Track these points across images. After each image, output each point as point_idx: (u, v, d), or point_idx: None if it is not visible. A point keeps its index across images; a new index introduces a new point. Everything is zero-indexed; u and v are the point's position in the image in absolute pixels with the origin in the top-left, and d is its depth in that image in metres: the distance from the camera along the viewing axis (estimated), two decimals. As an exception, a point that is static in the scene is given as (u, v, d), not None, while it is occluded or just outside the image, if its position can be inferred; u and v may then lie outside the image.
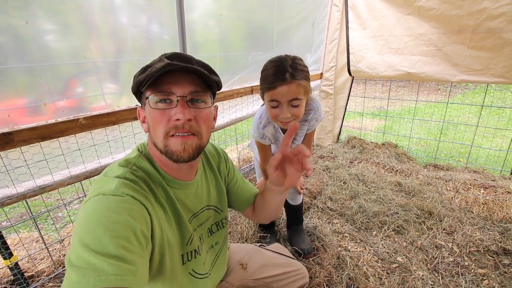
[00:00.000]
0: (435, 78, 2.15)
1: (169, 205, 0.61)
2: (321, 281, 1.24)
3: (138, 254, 0.46)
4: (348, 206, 1.84)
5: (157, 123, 0.55)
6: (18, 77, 0.95)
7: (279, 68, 0.90)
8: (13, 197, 0.95)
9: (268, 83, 0.92)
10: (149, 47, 1.32)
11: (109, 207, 0.47)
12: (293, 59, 0.93)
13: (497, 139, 3.16)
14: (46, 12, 0.98)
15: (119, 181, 0.52)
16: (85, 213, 0.47)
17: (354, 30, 2.43)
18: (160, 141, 0.55)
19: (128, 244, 0.45)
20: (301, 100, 0.93)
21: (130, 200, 0.50)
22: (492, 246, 1.44)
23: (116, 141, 1.23)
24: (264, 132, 1.10)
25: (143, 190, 0.54)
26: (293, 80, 0.89)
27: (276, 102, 0.93)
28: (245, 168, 2.43)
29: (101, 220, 0.45)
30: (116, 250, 0.43)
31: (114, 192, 0.49)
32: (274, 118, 0.98)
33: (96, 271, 0.41)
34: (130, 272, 0.43)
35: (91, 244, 0.43)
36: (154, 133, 0.56)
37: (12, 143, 0.92)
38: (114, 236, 0.44)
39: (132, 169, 0.56)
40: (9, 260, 1.08)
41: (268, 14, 1.99)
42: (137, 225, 0.48)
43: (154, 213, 0.55)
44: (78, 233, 0.45)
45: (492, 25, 1.82)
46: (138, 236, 0.48)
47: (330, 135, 2.95)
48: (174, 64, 0.53)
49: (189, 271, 0.67)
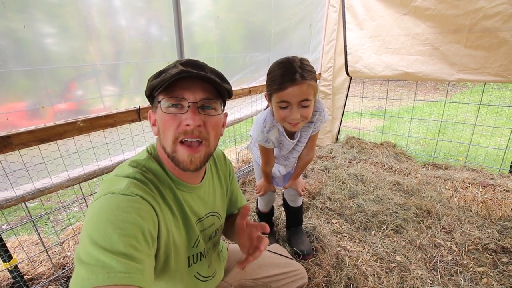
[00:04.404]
0: (432, 77, 2.16)
1: (177, 207, 0.61)
2: (320, 281, 1.24)
3: (145, 253, 0.47)
4: (347, 206, 1.84)
5: (167, 127, 0.56)
6: (17, 81, 0.96)
7: (288, 69, 0.89)
8: (12, 200, 0.96)
9: (277, 84, 0.90)
10: (148, 49, 1.33)
11: (118, 206, 0.47)
12: (301, 60, 0.92)
13: (495, 137, 3.17)
14: (45, 15, 0.99)
15: (129, 180, 0.53)
16: (95, 211, 0.48)
17: (352, 30, 2.45)
18: (169, 145, 0.56)
19: (136, 243, 0.46)
20: (311, 101, 0.92)
21: (139, 200, 0.50)
22: (491, 245, 1.44)
23: (114, 144, 1.24)
24: (269, 136, 1.08)
25: (151, 191, 0.55)
26: (304, 80, 0.88)
27: (286, 103, 0.91)
28: (244, 169, 2.44)
29: (111, 218, 0.46)
30: (125, 248, 0.44)
31: (123, 191, 0.50)
32: (282, 120, 0.96)
33: (105, 268, 0.41)
34: (138, 270, 0.44)
35: (101, 241, 0.43)
36: (164, 137, 0.57)
37: (11, 146, 0.92)
38: (123, 234, 0.45)
39: (141, 170, 0.57)
40: (9, 263, 1.09)
41: (266, 15, 2.00)
42: (145, 224, 0.49)
43: (162, 214, 0.55)
44: (87, 230, 0.45)
45: (488, 24, 1.83)
46: (146, 236, 0.48)
47: (329, 135, 2.96)
48: (188, 71, 0.55)
49: (194, 273, 0.68)
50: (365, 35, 2.38)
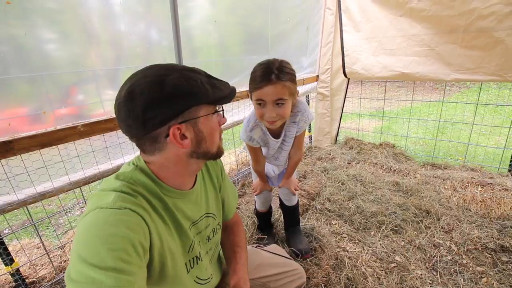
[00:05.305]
0: (429, 78, 2.18)
1: (168, 215, 0.62)
2: (319, 281, 1.24)
3: (136, 265, 0.48)
4: (346, 207, 1.84)
5: (215, 130, 0.64)
6: (19, 87, 0.98)
7: (266, 69, 0.97)
8: (13, 204, 0.98)
9: (256, 83, 0.98)
10: (148, 53, 1.35)
11: (106, 220, 0.48)
12: (280, 62, 0.99)
13: (494, 136, 3.17)
14: (45, 21, 1.01)
15: (116, 194, 0.53)
16: (83, 228, 0.49)
17: (348, 32, 2.47)
18: (216, 145, 0.65)
19: (126, 256, 0.46)
20: (286, 101, 0.99)
21: (127, 213, 0.51)
22: (490, 244, 1.44)
23: (114, 147, 1.26)
24: (252, 134, 1.14)
25: (140, 202, 0.55)
26: (279, 81, 0.95)
27: (262, 101, 1.00)
28: (244, 171, 2.45)
29: (99, 234, 0.46)
30: (114, 263, 0.44)
31: (111, 205, 0.50)
32: (261, 118, 1.04)
33: (95, 284, 0.42)
34: (129, 282, 0.45)
35: (89, 258, 0.44)
36: (212, 140, 0.63)
37: (13, 151, 0.94)
38: (112, 249, 0.45)
39: (128, 182, 0.57)
40: (11, 267, 1.10)
41: (264, 18, 2.02)
42: (135, 236, 0.49)
43: (153, 224, 0.55)
44: (76, 248, 0.46)
45: (483, 25, 1.85)
46: (137, 247, 0.49)
47: (328, 137, 2.97)
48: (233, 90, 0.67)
49: (194, 278, 0.69)
50: (361, 37, 2.40)
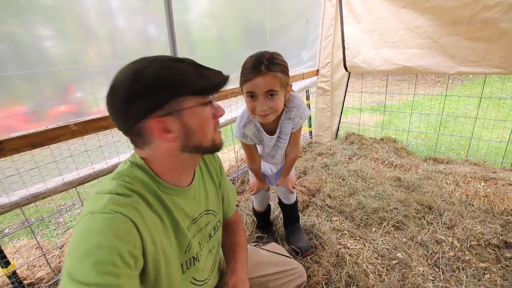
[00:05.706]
0: (432, 71, 2.13)
1: (165, 213, 0.61)
2: (320, 279, 1.23)
3: (125, 275, 0.47)
4: (347, 203, 1.82)
5: (207, 122, 0.60)
6: (16, 84, 0.96)
7: (256, 61, 0.94)
8: (6, 206, 0.95)
9: (245, 75, 0.95)
10: (145, 49, 1.32)
11: (94, 229, 0.48)
12: (271, 54, 0.96)
13: (497, 130, 3.12)
14: (41, 18, 0.99)
15: (109, 197, 0.52)
16: (73, 237, 0.48)
17: (349, 25, 2.41)
18: (209, 139, 0.60)
19: (113, 268, 0.46)
20: (278, 92, 0.95)
21: (117, 218, 0.50)
22: (493, 240, 1.42)
23: (109, 146, 1.23)
24: (245, 131, 1.11)
25: (135, 203, 0.54)
26: (268, 71, 0.92)
27: (253, 93, 0.96)
28: (243, 167, 2.43)
29: (85, 246, 0.46)
30: (100, 278, 0.44)
31: (102, 209, 0.50)
32: (252, 112, 1.00)
33: None
34: None
35: (75, 273, 0.44)
36: (203, 133, 0.59)
37: (3, 152, 0.91)
38: (97, 262, 0.45)
39: (125, 181, 0.56)
40: (6, 269, 1.09)
41: (262, 11, 1.97)
42: (123, 246, 0.48)
43: (146, 228, 0.54)
44: (66, 260, 0.47)
45: (488, 16, 1.79)
46: (125, 258, 0.48)
47: (329, 132, 2.94)
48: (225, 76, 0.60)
49: (189, 279, 0.67)
50: (362, 29, 2.34)
